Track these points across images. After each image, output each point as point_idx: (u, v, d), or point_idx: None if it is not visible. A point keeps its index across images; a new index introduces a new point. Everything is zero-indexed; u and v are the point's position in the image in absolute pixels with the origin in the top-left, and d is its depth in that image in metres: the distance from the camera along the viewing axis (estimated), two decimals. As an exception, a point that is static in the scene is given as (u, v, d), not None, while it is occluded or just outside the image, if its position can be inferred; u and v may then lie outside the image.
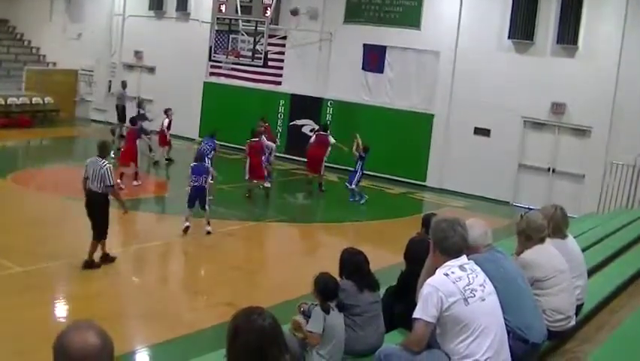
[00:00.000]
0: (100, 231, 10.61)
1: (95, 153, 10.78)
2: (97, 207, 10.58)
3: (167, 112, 19.50)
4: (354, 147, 17.39)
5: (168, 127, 19.42)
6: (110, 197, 10.74)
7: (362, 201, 17.25)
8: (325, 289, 5.22)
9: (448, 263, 4.34)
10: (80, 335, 2.41)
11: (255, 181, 16.73)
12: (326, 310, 5.10)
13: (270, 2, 20.11)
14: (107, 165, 10.52)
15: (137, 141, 16.96)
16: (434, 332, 4.31)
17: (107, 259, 10.81)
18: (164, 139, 19.50)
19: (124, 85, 23.74)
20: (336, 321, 5.17)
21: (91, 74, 27.06)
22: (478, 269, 4.41)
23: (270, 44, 21.19)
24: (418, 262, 5.18)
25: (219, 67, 23.26)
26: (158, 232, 13.79)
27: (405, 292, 5.63)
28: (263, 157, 16.99)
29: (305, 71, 22.39)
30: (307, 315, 5.24)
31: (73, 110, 27.14)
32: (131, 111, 21.72)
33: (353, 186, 17.29)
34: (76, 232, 13.33)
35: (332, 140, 18.12)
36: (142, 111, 19.86)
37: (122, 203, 11.22)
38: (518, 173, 19.04)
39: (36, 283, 9.85)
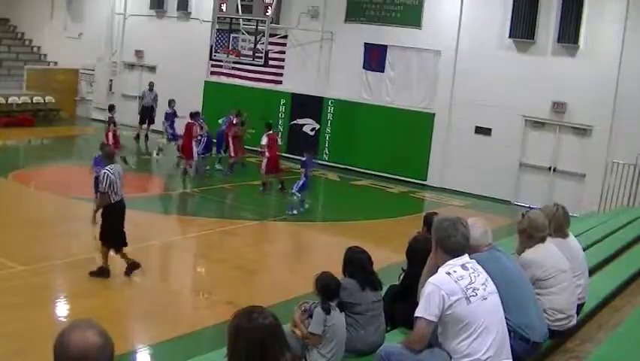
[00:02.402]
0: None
1: (102, 156, 10.72)
2: (124, 213, 10.36)
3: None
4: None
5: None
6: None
7: (295, 212, 15.32)
8: (326, 289, 5.22)
9: (450, 262, 4.34)
10: (80, 334, 2.41)
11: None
12: (326, 310, 5.09)
13: (271, 1, 20.10)
14: None
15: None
16: (435, 331, 4.31)
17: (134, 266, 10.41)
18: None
19: (150, 86, 23.68)
20: (338, 320, 5.16)
21: (92, 73, 27.06)
22: (480, 268, 4.42)
23: (270, 43, 21.18)
24: (419, 261, 5.18)
25: (220, 66, 23.26)
26: (158, 231, 13.78)
27: (407, 291, 5.63)
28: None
29: (306, 70, 22.39)
30: (309, 314, 5.23)
31: (74, 110, 27.16)
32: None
33: (295, 190, 15.43)
34: (78, 231, 13.36)
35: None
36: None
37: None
38: (519, 172, 19.03)
39: (37, 282, 9.85)
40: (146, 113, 23.38)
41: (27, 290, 9.56)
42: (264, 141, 17.19)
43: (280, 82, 22.97)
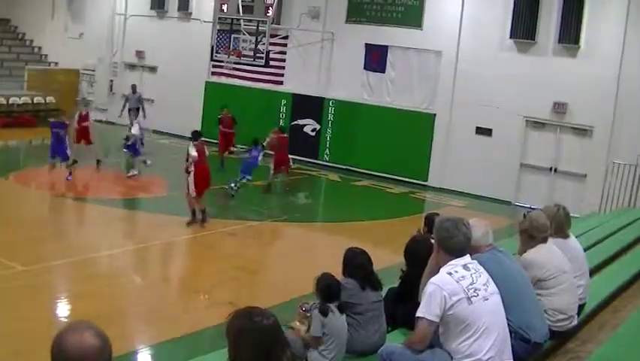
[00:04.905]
0: None
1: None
2: None
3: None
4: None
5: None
6: None
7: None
8: (326, 290, 5.20)
9: (451, 262, 4.33)
10: (78, 335, 2.39)
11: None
12: (324, 312, 5.07)
13: (272, 2, 20.11)
14: None
15: None
16: (436, 331, 4.31)
17: None
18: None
19: (133, 88, 23.57)
20: (338, 322, 5.14)
21: (92, 73, 27.06)
22: (482, 269, 4.41)
23: (271, 44, 21.18)
24: (417, 263, 5.18)
25: (221, 66, 23.26)
26: (158, 231, 13.76)
27: (407, 293, 5.62)
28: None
29: (307, 70, 22.38)
30: (309, 313, 5.23)
31: (75, 110, 27.11)
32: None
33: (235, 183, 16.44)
34: (78, 231, 13.37)
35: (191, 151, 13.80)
36: None
37: None
38: (520, 172, 19.01)
39: (36, 283, 9.85)
40: (132, 116, 23.17)
41: (27, 290, 9.55)
42: (193, 152, 13.63)
43: (281, 82, 22.97)
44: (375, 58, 21.10)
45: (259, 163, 16.85)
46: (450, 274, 4.27)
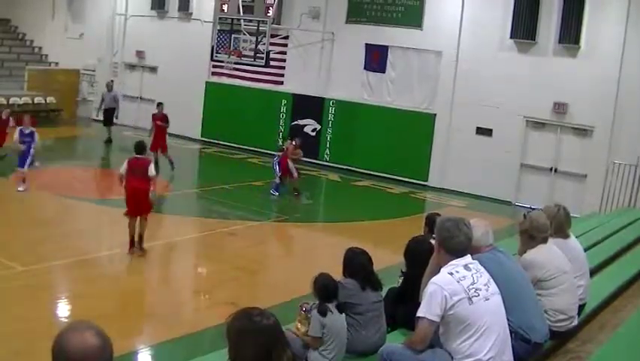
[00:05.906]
0: None
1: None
2: None
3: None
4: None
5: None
6: None
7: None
8: (324, 290, 5.21)
9: (452, 262, 4.34)
10: (79, 335, 2.39)
11: None
12: (322, 312, 5.08)
13: (272, 2, 20.11)
14: None
15: None
16: (437, 331, 4.31)
17: None
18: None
19: (109, 87, 23.16)
20: (337, 322, 5.15)
21: (93, 73, 27.06)
22: (483, 269, 4.42)
23: (272, 44, 21.18)
24: (417, 263, 5.18)
25: (221, 67, 23.27)
26: (158, 231, 13.75)
27: (407, 293, 5.62)
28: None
29: (307, 70, 22.38)
30: (309, 313, 5.23)
31: (75, 110, 27.15)
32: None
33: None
34: (78, 231, 13.36)
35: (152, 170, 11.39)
36: None
37: None
38: (520, 173, 19.01)
39: (37, 283, 9.85)
40: (108, 116, 22.49)
41: (27, 290, 9.55)
42: (123, 167, 11.38)
43: (281, 82, 22.97)
44: (376, 58, 21.10)
45: (274, 163, 17.36)
46: (451, 274, 4.27)
